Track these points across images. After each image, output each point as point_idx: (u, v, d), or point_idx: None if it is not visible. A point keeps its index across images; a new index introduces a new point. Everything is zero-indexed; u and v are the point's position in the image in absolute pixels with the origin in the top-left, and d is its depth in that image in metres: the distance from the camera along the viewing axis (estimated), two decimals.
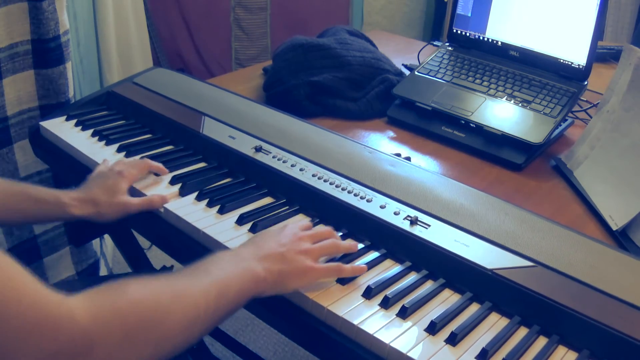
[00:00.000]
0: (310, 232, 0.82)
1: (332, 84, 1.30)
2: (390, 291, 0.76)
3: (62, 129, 1.18)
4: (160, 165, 1.02)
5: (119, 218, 0.94)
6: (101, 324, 0.55)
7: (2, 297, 0.48)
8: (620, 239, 0.91)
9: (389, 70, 1.38)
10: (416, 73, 1.35)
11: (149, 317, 0.59)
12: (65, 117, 1.21)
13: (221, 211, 0.92)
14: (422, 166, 1.04)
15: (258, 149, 1.03)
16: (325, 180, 0.95)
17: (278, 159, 1.00)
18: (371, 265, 0.82)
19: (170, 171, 1.02)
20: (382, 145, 1.21)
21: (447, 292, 0.79)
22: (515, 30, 1.31)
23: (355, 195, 0.91)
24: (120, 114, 1.24)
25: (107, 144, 1.12)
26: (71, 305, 0.53)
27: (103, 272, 1.68)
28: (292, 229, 0.81)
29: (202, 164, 1.07)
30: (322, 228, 0.84)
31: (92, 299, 0.56)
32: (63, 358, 0.51)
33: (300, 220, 0.85)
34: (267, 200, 0.97)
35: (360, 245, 0.86)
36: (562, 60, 1.25)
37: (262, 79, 1.45)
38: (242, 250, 0.76)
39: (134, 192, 0.98)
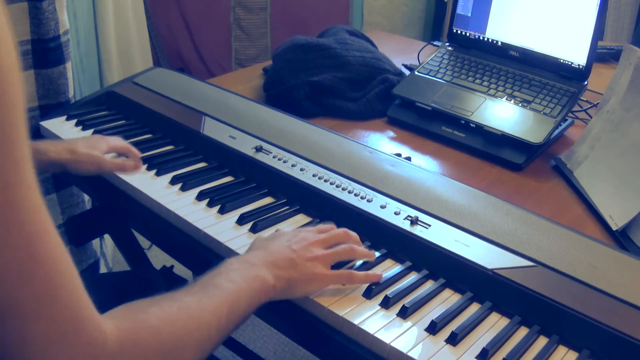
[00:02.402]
0: (323, 235, 0.80)
1: (332, 84, 1.30)
2: (390, 291, 0.76)
3: (62, 128, 1.18)
4: (138, 152, 1.04)
5: (91, 173, 0.99)
6: (128, 353, 0.55)
7: (60, 297, 0.49)
8: (620, 239, 0.91)
9: (389, 70, 1.38)
10: (416, 73, 1.35)
11: (167, 347, 0.59)
12: (65, 117, 1.21)
13: (221, 211, 0.92)
14: (422, 166, 1.04)
15: (258, 149, 1.03)
16: (325, 180, 0.95)
17: (278, 159, 1.00)
18: (371, 265, 0.82)
19: (171, 171, 1.02)
20: (382, 145, 1.21)
21: (447, 292, 0.79)
22: (515, 30, 1.31)
23: (356, 195, 0.91)
24: (120, 114, 1.24)
25: None
26: (107, 330, 0.53)
27: (103, 272, 1.67)
28: (305, 233, 0.79)
29: (202, 164, 1.07)
30: (336, 231, 0.82)
31: (118, 325, 0.56)
32: None
33: (319, 225, 0.83)
34: (268, 200, 0.97)
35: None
36: (562, 60, 1.25)
37: (262, 79, 1.45)
38: (251, 255, 0.75)
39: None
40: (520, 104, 1.21)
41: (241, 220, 0.90)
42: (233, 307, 0.67)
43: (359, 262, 0.82)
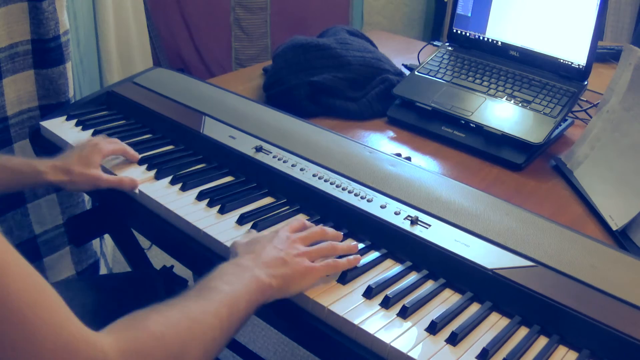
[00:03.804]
0: (302, 234, 0.81)
1: (332, 84, 1.30)
2: (390, 291, 0.76)
3: (62, 128, 1.18)
4: (135, 153, 1.05)
5: (89, 190, 1.00)
6: None
7: (40, 332, 0.48)
8: (620, 239, 0.91)
9: (389, 70, 1.38)
10: (416, 73, 1.35)
11: (171, 351, 0.59)
12: (65, 117, 1.21)
13: (222, 211, 0.92)
14: (422, 166, 1.04)
15: (258, 149, 1.03)
16: (325, 180, 0.95)
17: (278, 159, 1.00)
18: (371, 265, 0.82)
19: (171, 171, 1.02)
20: (382, 145, 1.21)
21: (447, 292, 0.79)
22: (515, 30, 1.31)
23: (356, 195, 0.91)
24: (120, 114, 1.24)
25: None
26: (104, 346, 0.53)
27: (103, 272, 1.68)
28: (284, 232, 0.81)
29: (202, 164, 1.07)
30: (313, 229, 0.83)
31: (118, 338, 0.55)
32: None
33: (292, 222, 0.84)
34: (268, 200, 0.97)
35: (361, 245, 0.86)
36: (562, 60, 1.25)
37: (262, 79, 1.45)
38: (242, 260, 0.75)
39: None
40: (520, 104, 1.21)
41: (241, 220, 0.90)
42: (233, 309, 0.67)
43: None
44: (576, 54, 1.23)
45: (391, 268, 0.82)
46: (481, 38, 1.37)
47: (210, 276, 0.71)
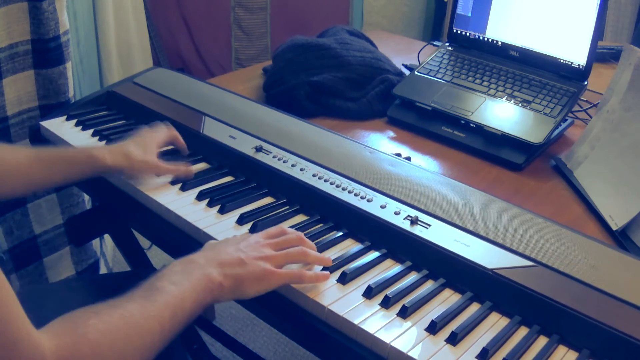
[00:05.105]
0: (275, 240, 0.79)
1: (332, 84, 1.30)
2: (390, 291, 0.76)
3: (62, 128, 1.18)
4: (184, 144, 1.06)
5: (146, 175, 0.98)
6: None
7: None
8: (620, 239, 0.91)
9: (389, 70, 1.38)
10: (416, 73, 1.35)
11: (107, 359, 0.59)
12: (65, 117, 1.21)
13: (222, 211, 0.92)
14: (422, 166, 1.04)
15: (258, 149, 1.03)
16: (325, 180, 0.95)
17: (278, 159, 1.00)
18: (371, 265, 0.82)
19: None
20: (382, 145, 1.21)
21: (447, 292, 0.79)
22: (515, 30, 1.31)
23: (356, 195, 0.91)
24: (120, 113, 1.24)
25: (107, 143, 1.11)
26: (45, 350, 0.53)
27: (103, 272, 1.68)
28: (257, 236, 0.79)
29: (202, 164, 1.07)
30: (289, 235, 0.80)
31: (58, 344, 0.55)
32: None
33: (270, 229, 0.82)
34: (268, 200, 0.97)
35: (361, 245, 0.86)
36: (562, 60, 1.25)
37: (262, 79, 1.45)
38: (197, 256, 0.74)
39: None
40: (520, 104, 1.21)
41: (241, 220, 0.90)
42: (177, 310, 0.67)
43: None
44: (576, 54, 1.23)
45: (391, 268, 0.82)
46: (481, 38, 1.37)
47: (158, 274, 0.70)
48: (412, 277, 0.80)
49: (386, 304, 0.75)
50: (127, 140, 0.99)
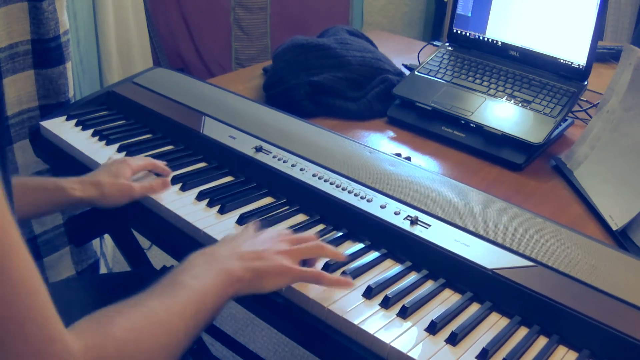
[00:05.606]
0: (291, 236, 0.80)
1: (332, 84, 1.30)
2: (390, 291, 0.76)
3: (62, 128, 1.18)
4: (164, 165, 1.01)
5: (122, 203, 0.93)
6: None
7: (28, 320, 0.48)
8: (620, 239, 0.91)
9: (389, 70, 1.38)
10: (416, 73, 1.35)
11: (134, 359, 0.59)
12: (65, 117, 1.21)
13: (221, 211, 0.92)
14: (422, 166, 1.04)
15: (258, 149, 1.03)
16: (325, 180, 0.95)
17: (278, 159, 1.00)
18: (371, 265, 0.82)
19: (171, 171, 1.02)
20: (382, 145, 1.21)
21: (447, 292, 0.79)
22: (515, 30, 1.31)
23: (356, 195, 0.91)
24: (120, 113, 1.24)
25: (107, 143, 1.12)
26: (75, 351, 0.53)
27: (103, 272, 1.68)
28: (271, 231, 0.80)
29: (202, 164, 1.07)
30: (304, 233, 0.82)
31: (87, 344, 0.55)
32: None
33: (299, 234, 0.82)
34: (268, 200, 0.97)
35: (361, 245, 0.86)
36: (562, 60, 1.25)
37: (262, 79, 1.45)
38: (218, 249, 0.75)
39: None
40: (520, 104, 1.21)
41: (241, 220, 0.90)
42: (200, 306, 0.66)
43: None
44: (576, 54, 1.23)
45: (391, 268, 0.82)
46: (481, 38, 1.37)
47: (179, 268, 0.70)
48: (412, 277, 0.80)
49: (386, 304, 0.75)
50: (98, 169, 0.96)
